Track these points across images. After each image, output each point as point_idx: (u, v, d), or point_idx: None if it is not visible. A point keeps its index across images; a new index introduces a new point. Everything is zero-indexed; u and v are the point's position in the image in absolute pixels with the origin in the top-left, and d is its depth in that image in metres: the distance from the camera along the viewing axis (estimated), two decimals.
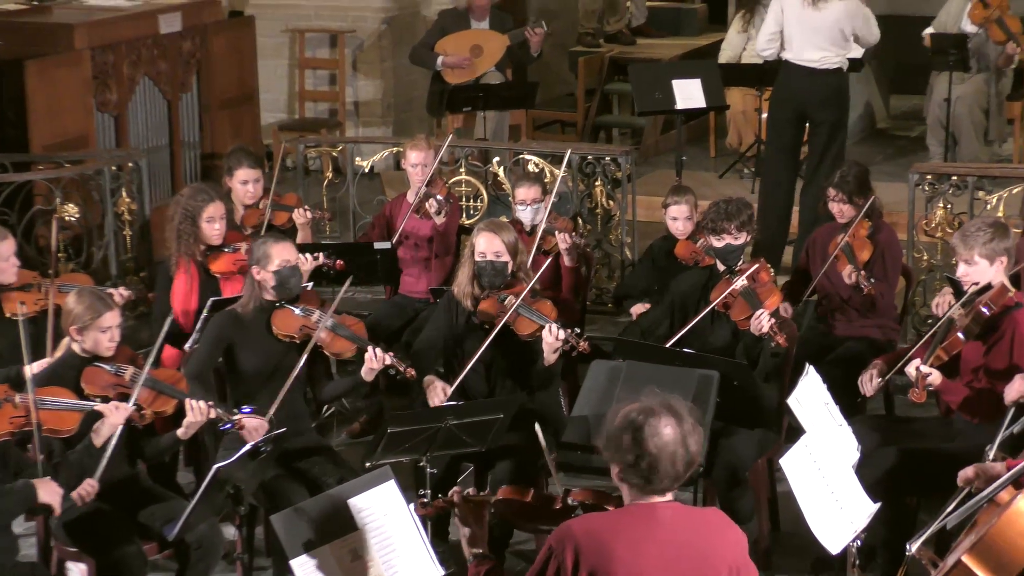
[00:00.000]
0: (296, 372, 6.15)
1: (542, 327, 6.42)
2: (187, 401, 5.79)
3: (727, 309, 6.63)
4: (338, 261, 7.39)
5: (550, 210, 7.59)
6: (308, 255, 7.21)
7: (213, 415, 5.81)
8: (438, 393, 6.40)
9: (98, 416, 5.62)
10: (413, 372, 6.27)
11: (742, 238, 6.76)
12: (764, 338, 6.44)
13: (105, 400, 5.71)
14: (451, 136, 8.72)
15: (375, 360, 6.20)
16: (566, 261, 7.45)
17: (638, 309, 7.51)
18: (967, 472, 5.16)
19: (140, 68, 9.59)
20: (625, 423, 4.03)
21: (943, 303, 6.65)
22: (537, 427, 5.24)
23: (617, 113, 12.24)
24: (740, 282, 6.62)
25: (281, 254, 6.30)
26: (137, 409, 5.69)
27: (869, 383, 6.30)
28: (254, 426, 5.95)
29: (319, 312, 6.31)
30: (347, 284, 6.58)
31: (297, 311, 6.32)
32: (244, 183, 7.75)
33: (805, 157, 9.28)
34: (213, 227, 7.12)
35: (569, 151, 8.67)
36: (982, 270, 6.04)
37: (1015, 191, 7.70)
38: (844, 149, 9.08)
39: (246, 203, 7.77)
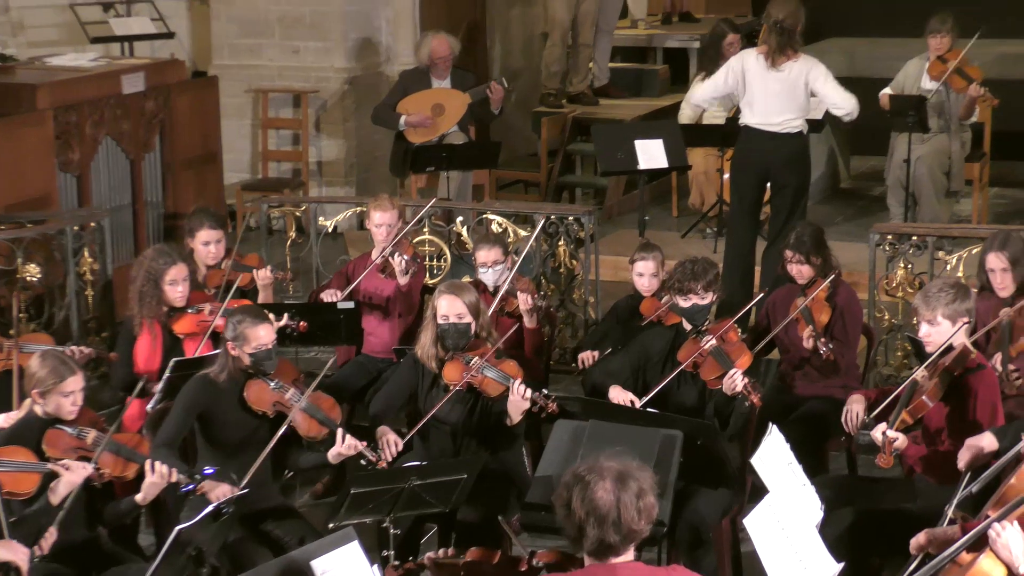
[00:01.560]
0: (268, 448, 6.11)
1: (508, 388, 6.41)
2: (147, 464, 5.74)
3: (696, 369, 6.64)
4: (301, 323, 7.38)
5: (513, 271, 7.60)
6: (271, 317, 7.18)
7: (174, 479, 5.77)
8: (390, 446, 6.38)
9: (57, 477, 5.58)
10: (385, 463, 6.22)
11: (708, 298, 6.79)
12: (737, 398, 6.45)
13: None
14: (434, 200, 8.75)
15: (346, 447, 6.17)
16: (527, 323, 7.46)
17: (586, 356, 7.49)
18: (919, 539, 5.17)
19: (103, 128, 9.58)
20: (564, 481, 4.08)
21: None
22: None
23: (580, 173, 12.29)
24: (710, 342, 6.64)
25: (258, 338, 6.26)
26: (96, 469, 5.65)
27: (855, 420, 6.33)
28: (219, 492, 5.92)
29: (293, 390, 6.27)
30: (324, 370, 6.46)
31: (272, 385, 6.28)
32: (206, 243, 7.73)
33: (767, 217, 9.33)
34: (176, 289, 7.11)
35: (537, 212, 8.70)
36: (944, 331, 6.07)
37: (974, 251, 7.75)
38: (805, 210, 9.14)
39: (208, 263, 7.75)
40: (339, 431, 6.19)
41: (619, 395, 6.71)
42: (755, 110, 8.88)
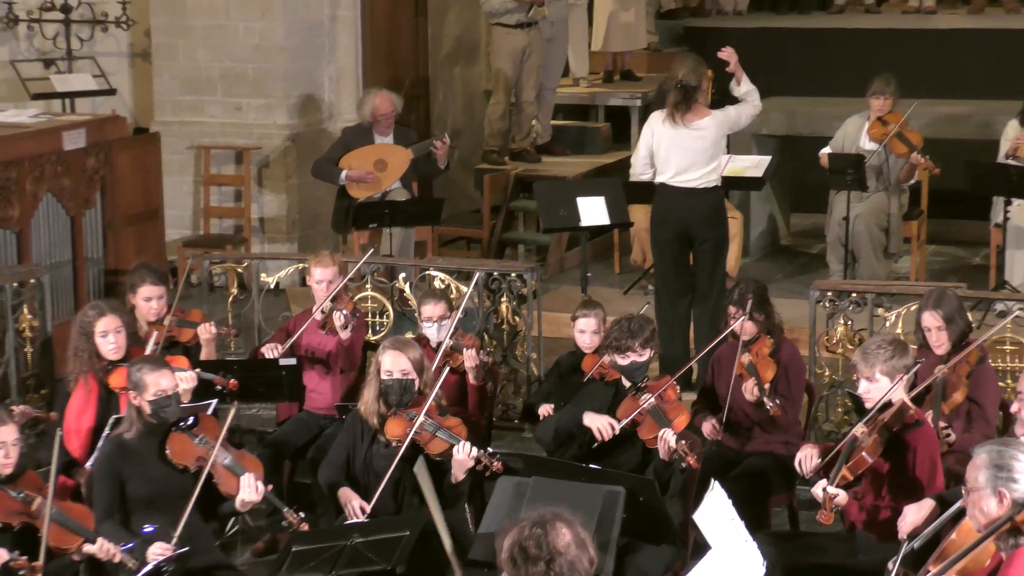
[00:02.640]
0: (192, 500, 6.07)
1: (452, 446, 6.40)
2: (99, 545, 5.72)
3: (635, 427, 6.65)
4: (231, 380, 7.33)
5: (456, 327, 7.61)
6: (187, 373, 7.13)
7: (118, 559, 5.74)
8: (356, 513, 6.36)
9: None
10: (305, 525, 6.17)
11: (646, 355, 6.82)
12: (675, 459, 6.46)
13: (7, 528, 5.62)
14: (370, 252, 8.75)
15: (258, 495, 6.14)
16: (472, 379, 7.45)
17: (545, 410, 7.50)
18: None
19: (43, 184, 9.52)
20: (511, 533, 4.09)
21: None
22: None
23: (522, 230, 12.32)
24: (648, 400, 6.65)
25: (157, 383, 6.23)
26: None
27: (809, 462, 6.34)
28: (156, 551, 5.87)
29: (218, 446, 6.23)
30: (230, 417, 6.44)
31: (196, 441, 6.24)
32: (148, 300, 7.70)
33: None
34: (108, 341, 7.08)
35: (479, 268, 8.71)
36: (883, 387, 6.12)
37: (913, 308, 7.82)
38: (725, 264, 9.18)
39: (150, 320, 7.72)
40: (248, 477, 6.15)
41: (594, 419, 6.70)
42: (668, 168, 8.92)
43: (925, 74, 12.63)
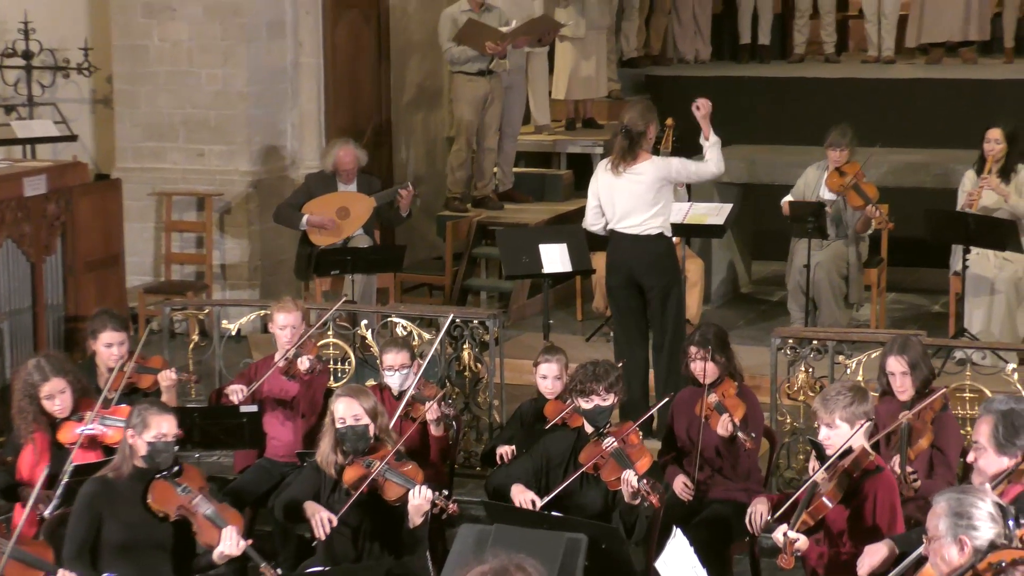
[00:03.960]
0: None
1: (408, 490, 6.39)
2: None
3: (597, 471, 6.66)
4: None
5: (419, 375, 7.60)
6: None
7: None
8: (323, 524, 6.35)
9: None
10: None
11: (610, 399, 6.84)
12: (639, 502, 6.46)
13: None
14: (343, 300, 8.75)
15: (237, 548, 6.12)
16: (433, 430, 7.45)
17: (505, 451, 7.48)
18: None
19: (3, 230, 9.48)
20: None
21: None
22: None
23: (485, 277, 12.33)
24: (610, 443, 6.67)
25: (159, 426, 6.23)
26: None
27: (759, 520, 6.36)
28: None
29: (201, 496, 6.21)
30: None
31: (179, 490, 6.22)
32: (108, 346, 7.68)
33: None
34: (53, 403, 7.07)
35: (442, 315, 8.71)
36: (843, 434, 6.15)
37: (873, 355, 7.86)
38: (683, 311, 9.20)
39: (110, 366, 7.69)
40: (230, 530, 6.13)
41: (520, 494, 6.72)
42: (615, 215, 8.95)
43: (884, 123, 12.72)
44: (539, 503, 6.61)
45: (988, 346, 9.08)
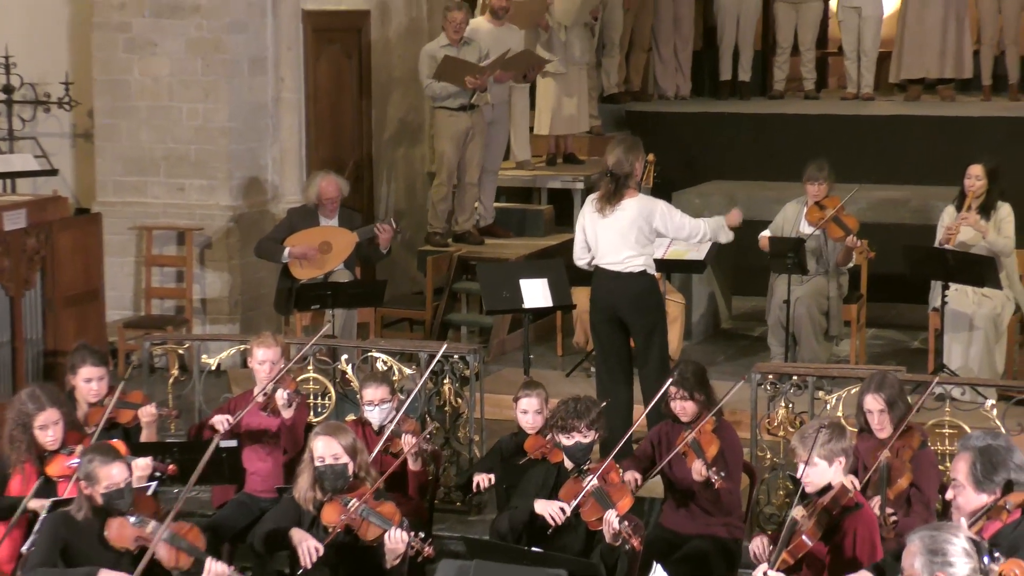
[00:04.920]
0: None
1: (385, 531, 6.38)
2: None
3: (578, 509, 6.64)
4: (170, 466, 7.27)
5: (401, 411, 7.59)
6: (142, 462, 7.08)
7: None
8: (310, 552, 6.36)
9: None
10: None
11: (591, 436, 6.84)
12: (619, 542, 6.45)
13: None
14: (323, 331, 8.75)
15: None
16: (412, 465, 7.43)
17: (482, 479, 7.47)
18: None
19: None
20: None
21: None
22: None
23: (465, 311, 12.33)
24: (591, 482, 6.66)
25: (110, 477, 6.20)
26: None
27: (761, 549, 6.35)
28: None
29: (155, 523, 6.19)
30: (180, 502, 6.40)
31: (132, 521, 6.21)
32: (88, 381, 7.66)
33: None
34: (46, 434, 7.04)
35: (424, 350, 8.70)
36: (821, 471, 6.15)
37: (853, 391, 7.88)
38: (666, 348, 9.21)
39: (90, 401, 7.67)
40: (207, 559, 6.12)
41: (545, 506, 6.69)
42: (599, 251, 8.99)
43: (863, 159, 12.78)
44: (568, 508, 6.59)
45: (967, 382, 9.10)
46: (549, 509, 6.69)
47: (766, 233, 10.79)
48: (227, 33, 11.66)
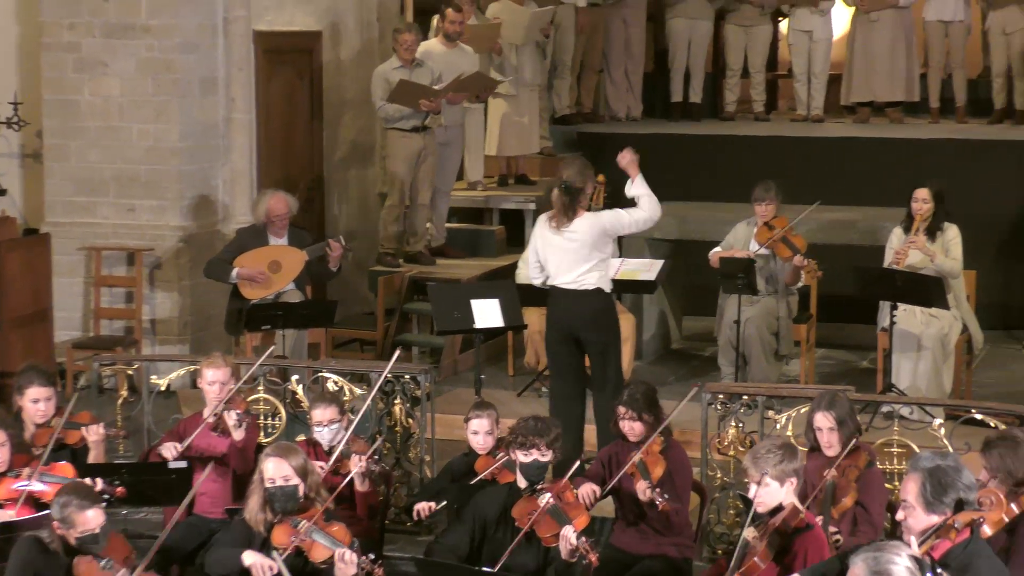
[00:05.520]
0: None
1: (335, 553, 6.37)
2: None
3: (533, 527, 6.64)
4: (118, 488, 7.21)
5: (350, 430, 7.57)
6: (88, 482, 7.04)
7: None
8: (266, 571, 6.34)
9: None
10: None
11: (549, 455, 6.86)
12: (576, 559, 6.45)
13: None
14: (269, 351, 8.72)
15: None
16: (359, 486, 7.41)
17: (422, 508, 7.45)
18: None
19: None
20: None
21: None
22: None
23: (417, 332, 12.32)
24: (547, 499, 6.66)
25: (86, 523, 6.17)
26: None
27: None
28: None
29: (124, 570, 6.16)
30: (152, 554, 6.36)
31: (101, 564, 6.17)
32: (35, 401, 7.60)
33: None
34: None
35: (374, 370, 8.69)
36: (773, 491, 6.17)
37: (803, 411, 7.92)
38: (621, 366, 9.23)
39: (37, 422, 7.61)
40: None
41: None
42: (554, 270, 9.01)
43: (813, 181, 12.84)
44: None
45: (915, 401, 9.16)
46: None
47: (717, 250, 10.85)
48: (178, 53, 11.64)
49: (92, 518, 6.17)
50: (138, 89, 11.70)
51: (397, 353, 8.48)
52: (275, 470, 6.54)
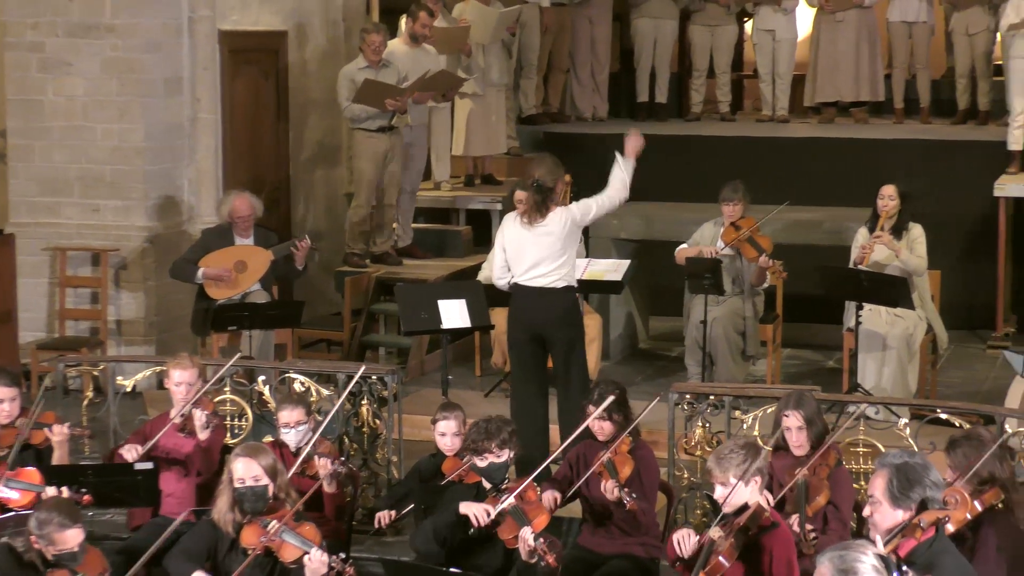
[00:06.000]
0: None
1: (305, 552, 6.35)
2: None
3: (495, 527, 6.65)
4: (85, 496, 7.18)
5: (318, 432, 7.56)
6: (52, 490, 7.01)
7: None
8: None
9: None
10: None
11: (504, 455, 6.86)
12: (535, 560, 6.46)
13: None
14: (237, 356, 8.70)
15: None
16: (327, 487, 7.40)
17: (383, 516, 7.44)
18: None
19: None
20: None
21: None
22: None
23: (384, 332, 12.31)
24: (507, 500, 6.67)
25: (65, 542, 6.12)
26: None
27: (687, 540, 6.29)
28: None
29: None
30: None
31: None
32: (0, 402, 7.57)
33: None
34: None
35: (341, 371, 8.68)
36: (738, 491, 6.19)
37: (769, 411, 7.94)
38: (586, 365, 9.25)
39: (2, 422, 7.60)
40: None
41: (469, 506, 6.72)
42: (520, 267, 9.01)
43: (778, 181, 12.88)
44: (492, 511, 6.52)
45: (881, 401, 9.20)
46: (473, 510, 6.69)
47: (684, 247, 10.87)
48: (142, 53, 11.60)
49: (72, 537, 6.12)
50: (103, 89, 11.65)
51: (363, 369, 8.48)
52: (245, 470, 6.53)
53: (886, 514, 5.62)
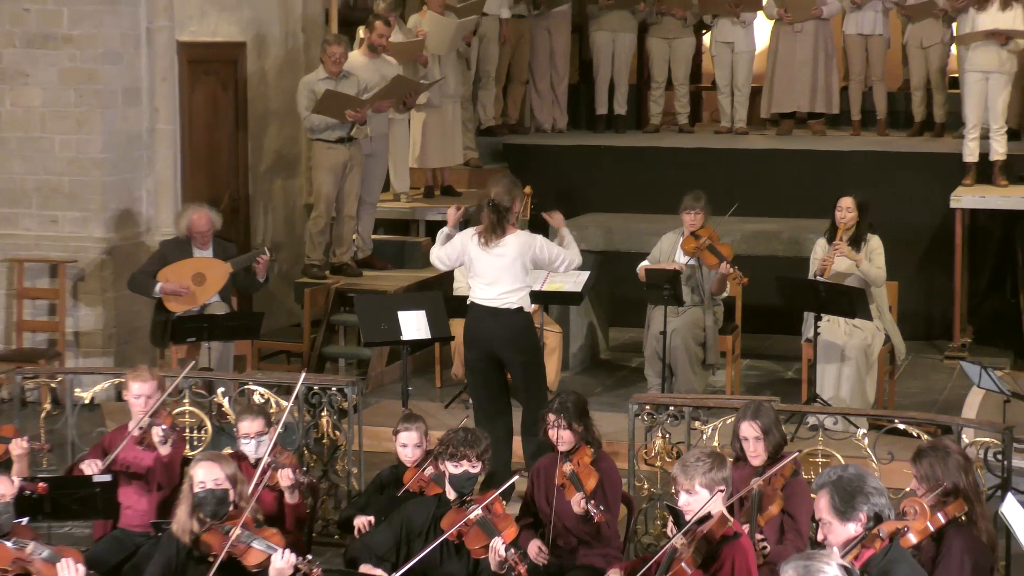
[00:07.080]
0: None
1: (270, 555, 6.34)
2: None
3: (461, 538, 6.65)
4: (40, 484, 7.15)
5: (275, 443, 7.54)
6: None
7: None
8: None
9: None
10: None
11: (479, 467, 6.86)
12: (505, 570, 6.46)
13: None
14: (191, 366, 8.67)
15: (73, 572, 6.07)
16: (289, 498, 7.39)
17: (362, 523, 7.44)
18: None
19: None
20: None
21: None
22: None
23: (343, 344, 12.29)
24: (476, 511, 6.67)
25: None
26: None
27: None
28: None
29: (33, 544, 6.13)
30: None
31: (10, 545, 6.14)
32: None
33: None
34: None
35: (298, 382, 8.66)
36: (702, 500, 6.21)
37: (729, 421, 7.96)
38: (544, 380, 9.26)
39: None
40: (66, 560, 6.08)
41: (369, 571, 6.69)
42: (476, 286, 9.03)
43: (737, 192, 12.93)
44: None
45: (839, 411, 9.25)
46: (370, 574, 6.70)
47: (645, 263, 10.90)
48: (101, 64, 11.56)
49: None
50: (60, 99, 11.60)
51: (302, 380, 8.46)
52: (206, 474, 6.52)
53: (838, 531, 5.67)
